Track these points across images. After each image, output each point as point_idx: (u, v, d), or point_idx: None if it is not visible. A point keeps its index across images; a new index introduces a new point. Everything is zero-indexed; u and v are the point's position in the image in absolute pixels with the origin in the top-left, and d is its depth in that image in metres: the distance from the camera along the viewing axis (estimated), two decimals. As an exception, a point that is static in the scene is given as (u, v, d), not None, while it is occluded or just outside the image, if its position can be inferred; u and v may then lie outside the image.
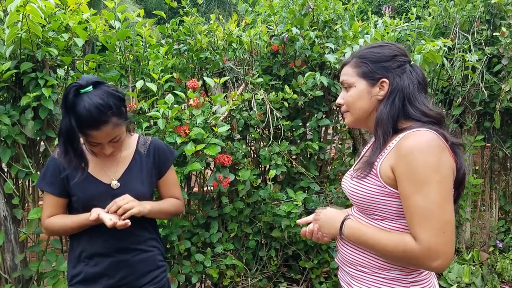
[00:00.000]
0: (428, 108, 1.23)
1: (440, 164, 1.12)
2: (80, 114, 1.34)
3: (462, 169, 1.22)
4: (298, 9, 2.87)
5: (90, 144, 1.46)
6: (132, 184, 1.56)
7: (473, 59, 2.94)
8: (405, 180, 1.13)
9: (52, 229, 1.54)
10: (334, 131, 3.18)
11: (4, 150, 2.11)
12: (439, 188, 1.11)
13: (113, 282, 1.54)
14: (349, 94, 1.31)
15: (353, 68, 1.30)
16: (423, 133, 1.15)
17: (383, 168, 1.19)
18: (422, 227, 1.11)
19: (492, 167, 3.72)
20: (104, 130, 1.39)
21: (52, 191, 1.52)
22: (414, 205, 1.12)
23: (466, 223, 3.54)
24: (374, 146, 1.26)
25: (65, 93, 1.37)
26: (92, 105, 1.35)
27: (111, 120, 1.39)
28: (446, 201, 1.12)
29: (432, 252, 1.10)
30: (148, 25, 2.55)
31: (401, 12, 8.62)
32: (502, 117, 3.31)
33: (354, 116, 1.32)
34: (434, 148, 1.13)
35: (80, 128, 1.37)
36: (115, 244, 1.53)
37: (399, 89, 1.24)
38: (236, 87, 2.90)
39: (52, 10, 2.08)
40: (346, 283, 1.35)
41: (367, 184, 1.23)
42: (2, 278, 2.26)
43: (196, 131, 2.22)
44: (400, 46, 1.30)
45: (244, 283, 2.75)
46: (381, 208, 1.22)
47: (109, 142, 1.45)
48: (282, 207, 2.55)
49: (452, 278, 3.16)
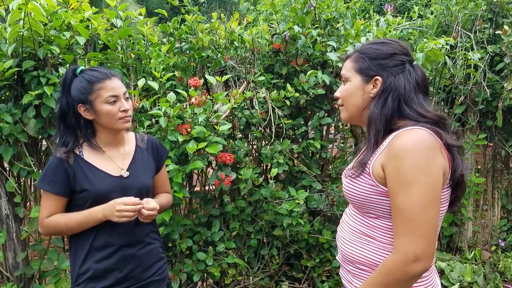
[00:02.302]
0: (425, 110, 1.20)
1: (428, 165, 1.10)
2: (91, 75, 1.49)
3: (459, 170, 1.20)
4: (300, 7, 2.87)
5: (109, 104, 1.50)
6: (139, 175, 1.61)
7: (475, 57, 2.93)
8: (392, 179, 1.12)
9: (54, 227, 1.53)
10: (336, 130, 3.17)
11: (6, 148, 2.11)
12: (424, 190, 1.09)
13: (122, 276, 1.56)
14: (345, 88, 1.31)
15: (352, 63, 1.30)
16: (415, 132, 1.13)
17: (375, 167, 1.18)
18: (400, 230, 1.11)
19: (494, 166, 3.71)
20: (115, 81, 1.51)
21: (52, 190, 1.51)
22: (398, 206, 1.11)
23: (468, 222, 3.54)
24: (367, 145, 1.25)
25: (64, 76, 1.53)
26: (94, 68, 1.54)
27: (115, 75, 1.54)
28: (430, 204, 1.10)
29: (409, 257, 1.09)
30: (150, 24, 2.55)
31: (403, 10, 8.60)
32: (504, 115, 3.30)
33: (348, 111, 1.32)
34: (423, 148, 1.10)
35: (96, 84, 1.48)
36: (123, 237, 1.56)
37: (392, 89, 1.21)
38: (237, 85, 2.90)
39: (54, 8, 2.09)
40: (347, 281, 1.35)
41: (361, 183, 1.23)
42: (4, 277, 2.26)
43: (198, 130, 2.22)
44: (403, 45, 1.28)
45: (245, 281, 2.75)
46: (375, 207, 1.22)
47: (124, 99, 1.53)
48: (284, 205, 2.54)
49: (454, 277, 3.16)
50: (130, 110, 1.56)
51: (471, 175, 3.32)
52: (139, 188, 1.59)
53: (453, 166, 1.19)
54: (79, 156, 1.55)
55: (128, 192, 1.53)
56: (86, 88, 1.48)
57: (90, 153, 1.56)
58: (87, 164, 1.54)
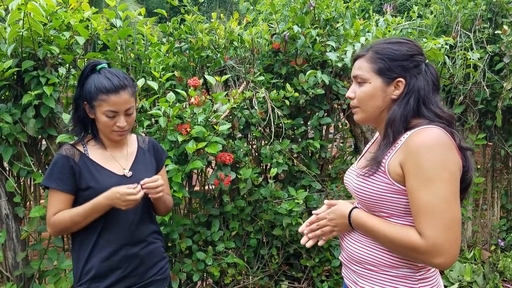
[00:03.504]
0: (441, 110, 1.22)
1: (447, 162, 1.11)
2: (101, 82, 1.50)
3: (470, 172, 1.21)
4: (299, 7, 2.87)
5: (106, 116, 1.51)
6: (141, 175, 1.61)
7: (475, 57, 2.94)
8: (413, 176, 1.13)
9: (59, 223, 1.53)
10: (336, 130, 3.17)
11: (6, 148, 2.11)
12: (447, 185, 1.10)
13: (125, 275, 1.56)
14: (363, 90, 1.27)
15: (369, 63, 1.26)
16: (431, 130, 1.15)
17: (392, 165, 1.18)
18: (428, 223, 1.10)
19: (494, 166, 3.71)
20: (123, 96, 1.51)
21: (60, 188, 1.52)
22: (421, 201, 1.12)
23: (467, 222, 3.54)
24: (382, 144, 1.24)
25: (83, 70, 1.55)
26: (112, 73, 1.53)
27: (128, 87, 1.53)
28: (453, 199, 1.11)
29: (437, 249, 1.09)
30: (149, 24, 2.55)
31: (402, 10, 8.60)
32: (504, 115, 3.30)
33: (365, 113, 1.29)
34: (441, 145, 1.12)
35: (100, 95, 1.49)
36: (125, 236, 1.57)
37: (415, 90, 1.22)
38: (237, 85, 2.90)
39: (54, 8, 2.08)
40: (351, 282, 1.34)
41: (375, 182, 1.22)
42: (4, 276, 2.26)
43: (197, 129, 2.22)
44: (417, 44, 1.27)
45: (245, 281, 2.75)
46: (389, 205, 1.21)
47: (124, 114, 1.54)
48: (283, 205, 2.55)
49: (453, 276, 3.16)
50: (129, 125, 1.57)
51: (471, 175, 3.32)
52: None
53: (465, 166, 1.20)
54: (84, 154, 1.57)
55: None
56: (91, 93, 1.50)
57: (95, 152, 1.59)
58: (92, 162, 1.56)
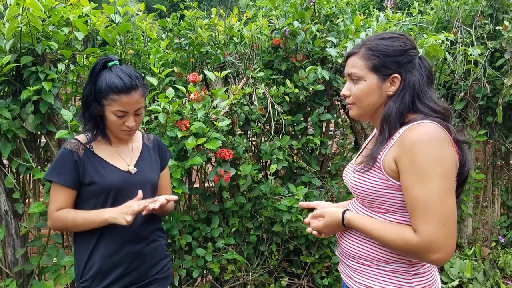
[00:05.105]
0: (436, 104, 1.21)
1: (442, 157, 1.11)
2: (113, 81, 1.47)
3: (467, 165, 1.20)
4: (299, 2, 2.85)
5: (116, 115, 1.50)
6: (146, 171, 1.62)
7: (476, 53, 2.92)
8: (407, 172, 1.12)
9: (61, 221, 1.53)
10: (336, 126, 3.16)
11: (5, 144, 2.11)
12: (441, 180, 1.10)
13: (127, 272, 1.56)
14: (358, 87, 1.26)
15: (363, 61, 1.25)
16: (426, 125, 1.14)
17: (387, 161, 1.18)
18: (422, 219, 1.10)
19: (495, 162, 3.70)
20: (134, 96, 1.49)
21: (61, 182, 1.51)
22: (416, 197, 1.11)
23: (468, 218, 3.53)
24: (378, 140, 1.24)
25: (94, 66, 1.52)
26: (124, 72, 1.50)
27: (139, 87, 1.51)
28: (448, 194, 1.11)
29: (432, 245, 1.09)
30: (149, 20, 2.54)
31: (403, 6, 8.58)
32: (504, 111, 3.29)
33: (361, 110, 1.29)
34: (436, 141, 1.11)
35: (111, 94, 1.47)
36: (128, 234, 1.55)
37: (410, 85, 1.21)
38: (237, 81, 2.89)
39: (52, 4, 2.08)
40: (347, 276, 1.35)
41: (371, 177, 1.22)
42: (3, 273, 2.26)
43: (197, 125, 2.22)
44: (410, 38, 1.27)
45: (245, 277, 2.75)
46: (385, 201, 1.21)
47: (134, 114, 1.53)
48: (283, 201, 2.54)
49: (454, 273, 3.16)
50: (138, 124, 1.57)
51: (471, 171, 3.31)
52: (145, 184, 1.59)
53: (462, 160, 1.19)
54: (89, 149, 1.56)
55: (135, 188, 1.53)
56: (102, 91, 1.48)
57: (100, 147, 1.58)
58: (96, 157, 1.56)
